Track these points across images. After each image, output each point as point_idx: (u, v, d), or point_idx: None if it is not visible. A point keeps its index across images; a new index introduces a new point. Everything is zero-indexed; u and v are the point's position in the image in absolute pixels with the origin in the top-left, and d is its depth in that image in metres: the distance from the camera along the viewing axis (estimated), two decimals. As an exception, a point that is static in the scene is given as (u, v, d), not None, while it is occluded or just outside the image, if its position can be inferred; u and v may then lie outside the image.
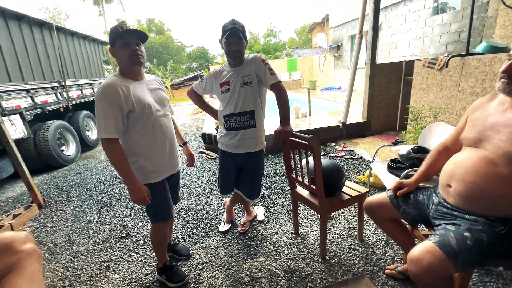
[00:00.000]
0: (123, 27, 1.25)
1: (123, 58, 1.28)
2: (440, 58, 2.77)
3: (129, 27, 1.27)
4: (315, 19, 19.15)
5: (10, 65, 4.00)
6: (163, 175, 1.45)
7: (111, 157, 1.25)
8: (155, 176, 1.41)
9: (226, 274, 1.64)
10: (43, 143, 3.97)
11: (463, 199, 1.04)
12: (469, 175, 1.02)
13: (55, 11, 26.57)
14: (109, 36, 1.30)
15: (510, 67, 0.97)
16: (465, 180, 1.03)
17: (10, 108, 3.47)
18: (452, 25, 5.38)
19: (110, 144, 1.23)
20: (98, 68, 7.21)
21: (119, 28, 1.24)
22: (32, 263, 0.74)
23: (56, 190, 3.35)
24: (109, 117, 1.21)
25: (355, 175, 2.90)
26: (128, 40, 1.25)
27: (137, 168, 1.36)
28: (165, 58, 27.44)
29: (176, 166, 1.56)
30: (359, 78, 6.89)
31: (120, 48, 1.26)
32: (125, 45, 1.25)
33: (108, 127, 1.21)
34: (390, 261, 1.61)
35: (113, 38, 1.27)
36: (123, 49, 1.26)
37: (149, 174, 1.39)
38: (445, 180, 1.13)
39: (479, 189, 0.99)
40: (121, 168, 1.26)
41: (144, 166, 1.37)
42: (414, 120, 2.93)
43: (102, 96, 1.21)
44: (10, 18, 4.05)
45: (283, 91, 1.58)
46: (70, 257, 1.97)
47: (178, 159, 1.58)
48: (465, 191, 1.03)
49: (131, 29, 1.26)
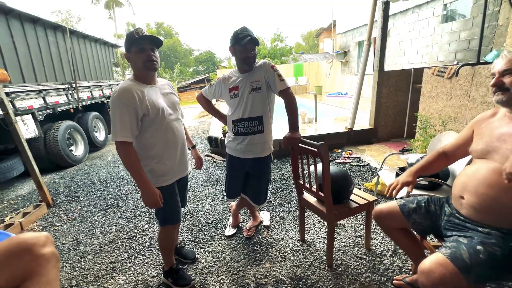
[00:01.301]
0: (139, 33, 1.28)
1: (138, 63, 1.30)
2: (450, 66, 2.75)
3: (145, 33, 1.29)
4: (322, 25, 19.20)
5: (25, 66, 4.11)
6: (173, 179, 1.47)
7: (126, 160, 1.26)
8: (165, 179, 1.43)
9: (231, 279, 1.63)
10: (53, 143, 4.05)
11: (476, 210, 1.03)
12: (481, 187, 1.02)
13: (68, 14, 27.26)
14: (125, 42, 1.32)
15: (497, 80, 1.06)
16: (477, 192, 1.03)
17: (23, 108, 3.56)
18: (462, 33, 5.34)
19: (124, 147, 1.25)
20: (107, 70, 7.34)
21: (135, 34, 1.27)
22: (51, 269, 0.74)
23: (64, 190, 3.41)
24: (124, 120, 1.23)
25: (361, 182, 2.88)
26: (143, 45, 1.28)
27: (148, 171, 1.38)
28: (173, 61, 27.82)
29: (185, 170, 1.57)
30: (366, 85, 6.87)
31: (136, 53, 1.28)
32: (140, 51, 1.28)
33: (123, 131, 1.23)
34: (398, 271, 1.59)
35: (129, 43, 1.29)
36: (138, 55, 1.28)
37: (160, 178, 1.41)
38: (458, 192, 1.12)
39: (492, 200, 0.99)
40: (134, 171, 1.27)
41: (155, 169, 1.39)
42: (422, 128, 2.90)
43: (119, 100, 1.24)
44: (26, 21, 4.17)
45: (292, 98, 1.60)
46: (77, 257, 1.99)
47: (188, 163, 1.59)
48: (478, 202, 1.03)
49: (147, 35, 1.28)
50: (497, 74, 1.06)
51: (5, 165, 3.43)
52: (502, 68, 1.04)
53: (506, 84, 1.03)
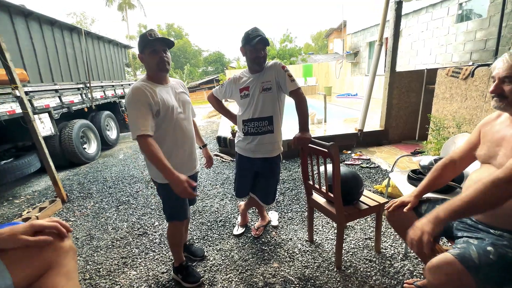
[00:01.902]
0: (152, 34, 1.31)
1: (152, 64, 1.34)
2: (465, 67, 2.68)
3: (158, 35, 1.33)
4: (332, 25, 19.04)
5: (42, 67, 4.27)
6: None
7: (148, 152, 1.25)
8: None
9: (240, 278, 1.65)
10: (67, 141, 4.18)
11: (485, 215, 1.03)
12: None
13: (82, 16, 28.08)
14: (138, 43, 1.36)
15: (496, 87, 1.02)
16: None
17: (40, 107, 3.69)
18: (478, 33, 5.19)
19: (145, 140, 1.25)
20: (120, 70, 7.52)
21: (148, 36, 1.31)
22: (69, 261, 0.78)
23: (77, 186, 3.51)
24: (142, 115, 1.26)
25: (371, 185, 2.84)
26: (156, 47, 1.32)
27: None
28: (183, 61, 28.21)
29: (194, 167, 1.60)
30: (377, 86, 6.77)
31: (149, 55, 1.33)
32: (154, 52, 1.32)
33: (143, 125, 1.25)
34: (408, 275, 1.56)
35: (143, 45, 1.33)
36: (152, 56, 1.32)
37: None
38: None
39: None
40: (158, 162, 1.24)
41: None
42: (435, 130, 2.84)
43: (133, 98, 1.28)
44: (44, 23, 4.34)
45: (303, 98, 1.60)
46: (90, 251, 2.05)
47: (196, 161, 1.62)
48: None
49: (159, 37, 1.32)
50: (497, 80, 1.02)
51: (23, 161, 3.56)
52: (502, 74, 1.00)
53: (505, 92, 1.00)
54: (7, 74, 2.60)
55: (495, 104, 1.05)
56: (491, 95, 1.06)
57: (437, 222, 0.94)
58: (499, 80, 1.02)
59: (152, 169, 1.49)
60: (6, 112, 3.10)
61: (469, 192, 0.90)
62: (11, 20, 3.64)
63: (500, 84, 1.01)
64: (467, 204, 0.89)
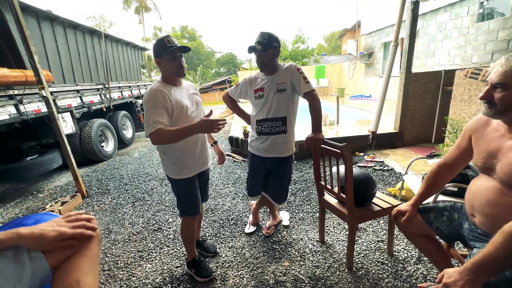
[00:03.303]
0: (170, 41, 1.41)
1: (171, 70, 1.44)
2: (485, 68, 2.59)
3: (175, 42, 1.44)
4: (345, 26, 18.80)
5: (65, 68, 4.49)
6: (193, 172, 1.57)
7: (167, 138, 1.32)
8: (186, 172, 1.54)
9: (251, 275, 1.68)
10: (87, 139, 4.38)
11: (489, 229, 1.00)
12: (486, 207, 0.99)
13: (101, 19, 29.15)
14: (155, 47, 1.44)
15: (487, 93, 0.96)
16: (484, 212, 1.00)
17: (63, 106, 3.89)
18: (500, 33, 4.98)
19: (157, 133, 1.29)
20: (136, 72, 7.77)
21: (167, 43, 1.40)
22: (94, 246, 0.85)
23: (96, 182, 3.67)
24: (157, 113, 1.33)
25: (384, 187, 2.80)
26: (176, 54, 1.41)
27: (172, 164, 1.52)
28: (195, 63, 28.66)
29: (205, 164, 1.68)
30: (392, 87, 6.63)
31: (168, 61, 1.42)
32: (173, 59, 1.41)
33: (155, 123, 1.30)
34: (422, 279, 1.54)
35: (161, 50, 1.41)
36: (171, 62, 1.42)
37: (181, 170, 1.53)
38: (469, 210, 1.09)
39: (499, 221, 0.90)
40: (180, 134, 1.31)
41: (178, 162, 1.51)
42: (453, 133, 2.76)
43: (150, 98, 1.37)
44: (68, 27, 4.56)
45: (317, 100, 1.62)
46: (108, 244, 2.15)
47: (208, 158, 1.70)
48: (487, 222, 1.00)
49: (179, 46, 1.42)
50: (489, 85, 0.96)
51: (47, 157, 3.76)
52: (494, 80, 0.93)
53: (494, 100, 0.94)
54: (35, 75, 2.77)
55: (483, 111, 1.00)
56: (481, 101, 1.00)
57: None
58: (491, 85, 0.95)
59: (166, 165, 1.56)
60: (33, 111, 3.30)
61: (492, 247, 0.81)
62: (38, 25, 3.86)
63: (491, 90, 0.95)
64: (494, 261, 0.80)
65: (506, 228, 0.79)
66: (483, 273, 0.80)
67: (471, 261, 0.82)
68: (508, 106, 0.92)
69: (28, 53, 2.66)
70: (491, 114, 0.98)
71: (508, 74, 0.90)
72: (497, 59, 3.74)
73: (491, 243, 0.81)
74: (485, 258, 0.80)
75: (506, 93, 0.91)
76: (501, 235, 0.79)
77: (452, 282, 0.82)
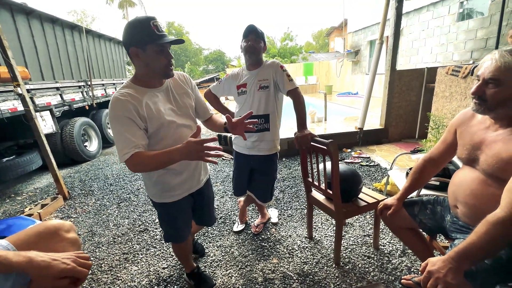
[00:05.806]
0: (158, 27, 1.01)
1: (156, 67, 1.06)
2: (465, 66, 2.69)
3: (163, 28, 1.05)
4: (333, 24, 19.00)
5: (44, 65, 4.27)
6: (180, 195, 1.26)
7: (146, 165, 1.02)
8: (171, 195, 1.24)
9: (239, 273, 1.67)
10: (69, 139, 4.20)
11: (471, 220, 1.03)
12: (469, 198, 1.02)
13: (83, 14, 28.02)
14: (133, 32, 1.01)
15: (478, 89, 0.95)
16: (468, 203, 1.03)
17: (42, 104, 3.70)
18: (479, 32, 5.18)
19: (134, 158, 0.99)
20: (121, 68, 7.53)
21: (154, 28, 0.99)
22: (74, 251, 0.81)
23: (79, 184, 3.54)
24: (126, 134, 1.00)
25: (371, 183, 2.86)
26: (165, 45, 1.03)
27: (153, 184, 1.22)
28: (183, 60, 28.17)
29: (198, 182, 1.33)
30: (377, 84, 6.77)
31: (154, 53, 1.02)
32: (161, 52, 1.04)
33: (126, 148, 0.99)
34: (406, 271, 1.58)
35: (144, 38, 0.99)
36: (158, 56, 1.03)
37: (164, 193, 1.23)
38: (452, 201, 1.12)
39: (481, 211, 0.93)
40: (162, 160, 0.99)
41: (159, 181, 1.20)
42: (435, 128, 2.85)
43: (113, 114, 1.03)
44: (46, 21, 4.34)
45: (300, 97, 1.61)
46: (92, 247, 2.08)
47: (202, 173, 1.36)
48: (470, 213, 1.03)
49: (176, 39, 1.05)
50: (481, 80, 0.95)
51: (25, 158, 3.58)
52: (487, 76, 0.92)
53: (486, 96, 0.93)
54: (9, 72, 2.61)
55: (473, 107, 0.99)
56: (472, 96, 0.99)
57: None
58: (483, 81, 0.94)
59: (147, 185, 1.28)
60: (8, 109, 3.12)
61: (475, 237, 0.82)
62: (12, 18, 3.64)
63: (483, 86, 0.94)
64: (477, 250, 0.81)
65: (489, 218, 0.81)
66: (465, 262, 0.82)
67: (454, 250, 0.84)
68: (499, 102, 0.92)
69: (1, 48, 2.50)
70: (481, 111, 0.97)
71: (502, 69, 0.88)
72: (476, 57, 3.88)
73: (474, 232, 0.82)
74: (468, 247, 0.82)
75: (499, 89, 0.90)
76: (484, 225, 0.81)
77: (435, 269, 0.84)
